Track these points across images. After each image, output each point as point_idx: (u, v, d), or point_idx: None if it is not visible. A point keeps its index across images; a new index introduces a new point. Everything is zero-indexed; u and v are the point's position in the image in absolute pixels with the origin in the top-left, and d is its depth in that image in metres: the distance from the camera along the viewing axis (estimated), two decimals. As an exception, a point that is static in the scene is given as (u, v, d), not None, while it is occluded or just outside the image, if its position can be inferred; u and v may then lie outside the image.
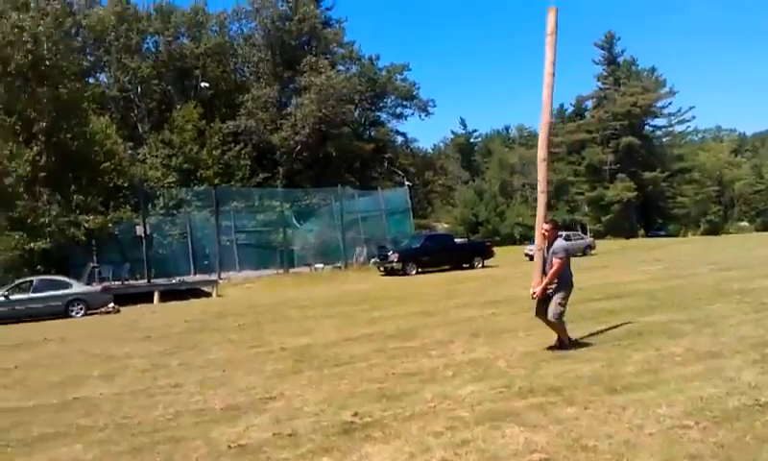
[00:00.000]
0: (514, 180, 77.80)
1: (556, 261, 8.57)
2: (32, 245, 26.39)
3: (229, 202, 35.43)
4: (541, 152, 9.97)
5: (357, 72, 52.92)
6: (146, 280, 27.98)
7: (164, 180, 37.43)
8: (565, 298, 8.74)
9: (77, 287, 21.90)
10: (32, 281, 21.78)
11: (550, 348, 8.89)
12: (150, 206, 33.51)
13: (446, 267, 30.48)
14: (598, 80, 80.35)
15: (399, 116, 59.27)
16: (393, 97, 57.45)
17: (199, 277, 30.33)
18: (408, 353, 9.39)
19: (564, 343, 8.89)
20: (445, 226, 62.94)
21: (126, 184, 32.15)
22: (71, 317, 20.78)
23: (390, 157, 57.03)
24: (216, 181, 37.11)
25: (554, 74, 10.02)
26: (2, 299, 20.67)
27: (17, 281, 22.20)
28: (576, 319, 11.44)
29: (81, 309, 21.16)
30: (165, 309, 21.63)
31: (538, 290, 8.80)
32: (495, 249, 34.62)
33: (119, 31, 44.41)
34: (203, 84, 42.93)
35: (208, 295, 25.75)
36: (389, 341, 10.58)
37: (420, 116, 59.04)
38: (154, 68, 46.61)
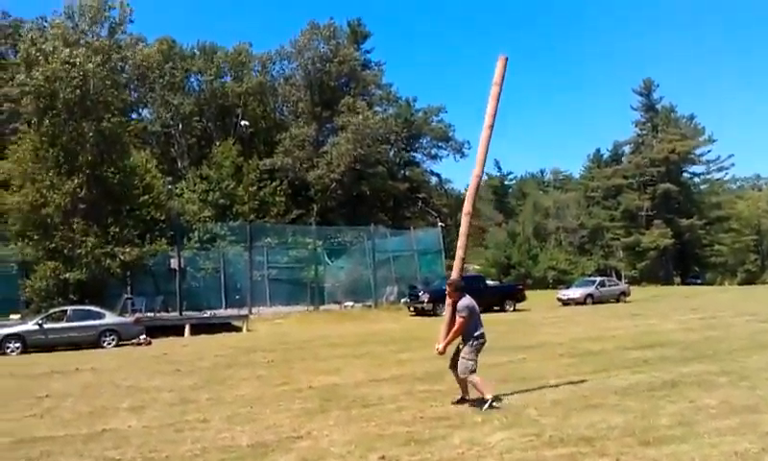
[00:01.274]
0: (548, 223, 77.28)
1: (458, 320, 8.73)
2: (67, 275, 26.81)
3: (263, 237, 35.73)
4: (467, 205, 9.94)
5: (394, 113, 53.43)
6: (178, 313, 28.22)
7: (200, 214, 37.94)
8: (473, 352, 8.72)
9: (110, 318, 22.15)
10: (66, 311, 22.09)
11: (457, 402, 8.84)
12: (185, 239, 33.95)
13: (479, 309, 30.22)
14: (636, 126, 79.89)
15: (434, 157, 59.56)
16: (428, 138, 57.79)
17: (230, 311, 30.50)
18: (437, 397, 9.31)
19: (486, 400, 8.63)
20: (477, 268, 62.50)
21: (163, 218, 32.59)
22: (103, 347, 20.97)
23: (423, 198, 57.16)
24: (251, 216, 37.56)
25: (492, 126, 9.90)
26: (36, 327, 20.99)
27: (52, 310, 22.55)
28: (610, 367, 11.28)
29: (113, 340, 21.37)
30: (196, 343, 21.73)
31: (440, 346, 8.97)
32: (528, 292, 34.27)
33: (164, 68, 45.56)
34: (242, 122, 43.75)
35: (239, 330, 25.83)
36: (418, 383, 10.50)
37: (454, 157, 59.21)
38: (195, 105, 47.61)
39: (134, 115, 46.06)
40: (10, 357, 19.42)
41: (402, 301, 32.71)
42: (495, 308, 30.51)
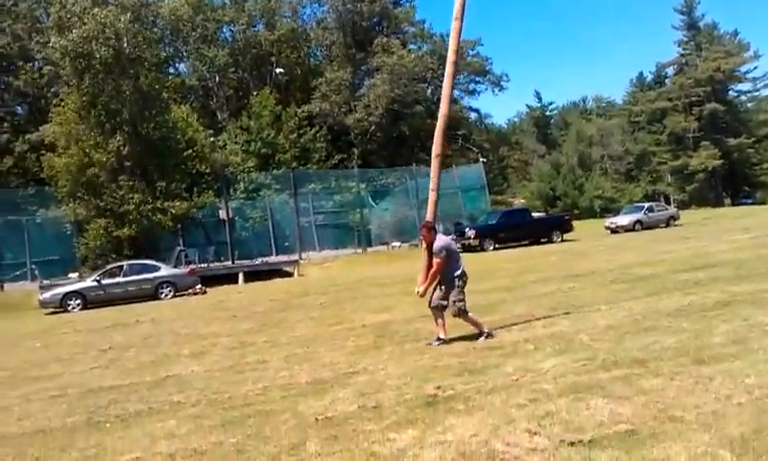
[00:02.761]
0: (592, 152, 75.89)
1: (435, 262, 8.67)
2: (119, 232, 27.52)
3: (307, 184, 36.02)
4: (436, 147, 9.75)
5: (429, 50, 52.55)
6: (230, 262, 28.87)
7: (244, 165, 38.34)
8: (460, 293, 8.70)
9: (165, 270, 22.81)
10: (122, 266, 22.82)
11: (476, 338, 8.76)
12: (231, 190, 34.47)
13: (524, 242, 30.14)
14: (678, 46, 77.28)
15: (472, 92, 58.66)
16: (465, 73, 56.78)
17: (280, 257, 31.07)
18: (489, 328, 9.41)
19: (482, 333, 8.78)
20: (522, 201, 62.09)
21: (208, 170, 33.09)
22: (160, 299, 21.67)
23: (464, 134, 56.55)
24: (293, 164, 37.80)
25: (456, 62, 9.73)
26: (95, 283, 21.73)
27: (108, 267, 23.28)
28: (661, 291, 11.23)
29: (170, 291, 22.05)
30: (249, 289, 22.26)
31: (421, 289, 8.96)
32: (575, 223, 33.98)
33: (195, 21, 45.53)
34: (278, 70, 43.67)
35: (290, 275, 26.33)
36: (468, 316, 10.61)
37: (493, 91, 58.27)
38: (230, 57, 47.57)
39: (171, 71, 46.30)
40: (72, 314, 20.23)
41: (449, 238, 32.81)
42: (543, 240, 30.37)
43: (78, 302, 21.05)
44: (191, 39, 45.74)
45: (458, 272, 8.72)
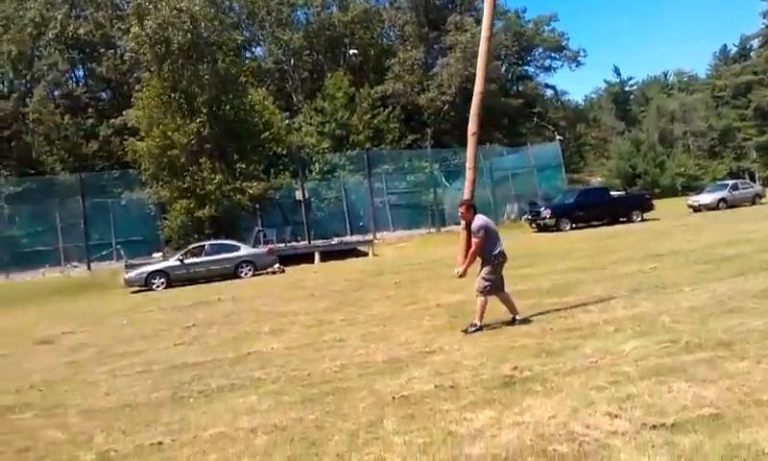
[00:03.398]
0: (674, 128, 73.24)
1: (474, 241, 8.48)
2: (200, 212, 28.31)
3: (380, 164, 36.17)
4: (472, 125, 9.52)
5: (503, 27, 51.69)
6: (306, 242, 29.38)
7: (319, 146, 38.76)
8: (492, 272, 8.50)
9: (245, 250, 23.41)
10: (204, 246, 23.53)
11: (510, 322, 8.64)
12: (307, 171, 34.97)
13: (602, 222, 29.49)
14: (764, 17, 73.37)
15: (548, 69, 57.42)
16: (541, 50, 55.68)
17: (355, 237, 31.39)
18: (565, 309, 9.29)
19: (513, 318, 8.61)
20: (600, 180, 60.58)
21: (284, 152, 33.61)
22: (240, 278, 22.24)
23: (539, 112, 55.56)
24: (367, 145, 38.00)
25: (491, 38, 9.31)
26: (178, 263, 22.49)
27: (191, 246, 24.03)
28: (747, 271, 10.82)
29: (249, 270, 22.61)
30: (325, 268, 22.58)
31: (460, 270, 8.77)
32: (655, 201, 32.97)
33: (270, 5, 46.13)
34: (351, 52, 43.84)
35: (365, 254, 26.58)
36: (545, 297, 10.50)
37: (570, 67, 57.00)
38: (305, 39, 48.00)
39: (248, 55, 47.09)
40: (156, 292, 20.98)
41: (523, 217, 32.41)
42: (622, 220, 29.62)
43: (162, 280, 21.81)
44: (267, 23, 46.40)
45: (496, 251, 8.61)
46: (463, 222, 8.90)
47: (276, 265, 23.22)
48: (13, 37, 41.16)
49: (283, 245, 27.74)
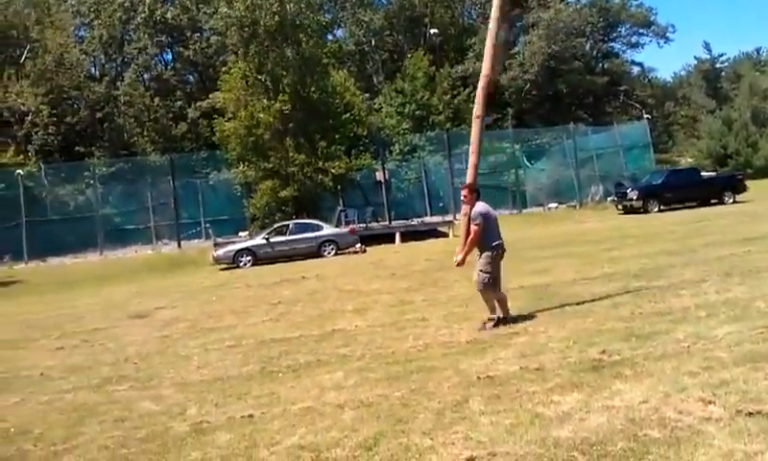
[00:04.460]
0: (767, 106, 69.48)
1: (473, 228, 8.05)
2: (284, 192, 28.87)
3: (460, 145, 35.85)
4: (478, 108, 9.06)
5: (588, 2, 50.28)
6: (387, 222, 29.56)
7: (399, 127, 38.84)
8: (490, 264, 8.05)
9: (328, 230, 23.80)
10: (288, 225, 24.03)
11: (484, 324, 8.18)
12: (387, 152, 35.10)
13: (692, 204, 28.43)
14: None
15: (635, 45, 55.50)
16: (627, 26, 53.84)
17: (435, 218, 31.33)
18: (655, 293, 9.04)
19: (501, 317, 8.15)
20: (689, 160, 58.22)
21: (365, 133, 33.88)
22: (323, 257, 22.61)
23: (625, 90, 53.81)
24: (447, 125, 37.80)
25: (499, 19, 9.00)
26: (264, 241, 23.05)
27: (276, 225, 24.58)
28: None
29: (332, 249, 22.96)
30: (406, 249, 22.67)
31: (459, 258, 8.33)
32: (748, 182, 31.47)
33: (353, -14, 46.44)
34: (432, 31, 43.56)
35: (445, 235, 26.53)
36: (633, 280, 10.23)
37: (658, 44, 55.06)
38: (385, 20, 48.07)
39: (330, 36, 47.51)
40: (243, 270, 21.56)
41: (609, 199, 31.62)
42: (713, 201, 28.46)
43: (248, 258, 22.37)
44: (348, 5, 46.66)
45: (495, 242, 8.23)
46: (464, 208, 8.51)
47: (358, 245, 23.49)
48: (104, 22, 42.89)
49: (364, 225, 27.95)
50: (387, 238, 25.54)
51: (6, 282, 22.95)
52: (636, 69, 58.25)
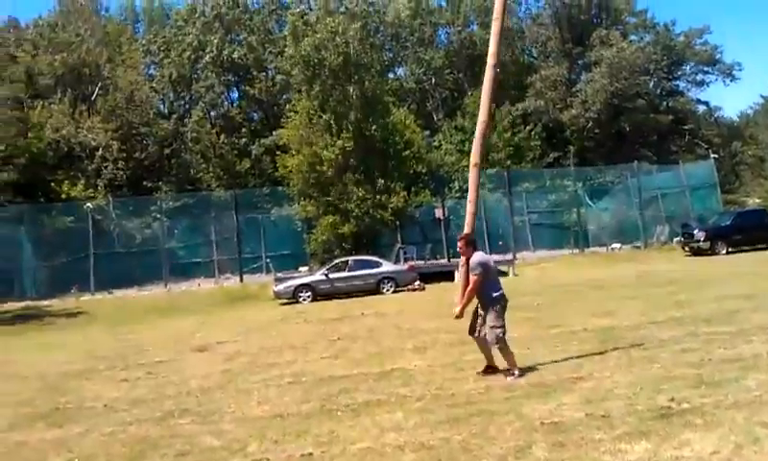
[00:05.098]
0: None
1: (472, 278, 7.84)
2: (344, 228, 29.12)
3: (521, 183, 35.70)
4: (474, 156, 8.91)
5: (651, 41, 49.59)
6: (446, 259, 29.42)
7: (458, 164, 38.80)
8: (498, 319, 7.82)
9: (386, 266, 23.84)
10: (347, 261, 24.19)
11: (483, 371, 8.13)
12: (446, 189, 35.12)
13: (761, 246, 27.49)
14: None
15: (700, 84, 54.23)
16: (692, 64, 52.85)
17: (494, 256, 30.91)
18: (725, 339, 8.75)
19: (514, 372, 7.88)
20: (757, 201, 56.42)
21: (424, 170, 34.02)
22: (382, 293, 22.61)
23: (691, 129, 52.61)
24: (507, 162, 37.62)
25: (496, 66, 8.74)
26: (323, 277, 23.24)
27: (336, 261, 24.78)
28: None
29: (391, 286, 22.97)
30: (465, 287, 22.44)
31: (458, 310, 8.12)
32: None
33: (413, 26, 46.94)
34: (493, 69, 43.59)
35: (505, 274, 26.23)
36: (702, 325, 9.93)
37: (724, 82, 53.52)
38: (446, 58, 48.38)
39: (391, 75, 48.08)
40: (302, 305, 21.76)
41: (675, 240, 30.86)
42: (785, 245, 27.46)
43: (308, 294, 22.59)
44: (409, 43, 47.20)
45: (497, 293, 8.05)
46: (462, 258, 8.36)
47: (417, 282, 23.45)
48: (173, 61, 44.40)
49: (423, 262, 27.90)
50: (446, 276, 25.40)
51: (73, 313, 23.72)
52: (701, 108, 57.02)
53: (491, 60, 9.12)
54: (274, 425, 6.84)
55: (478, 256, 8.14)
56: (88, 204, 30.53)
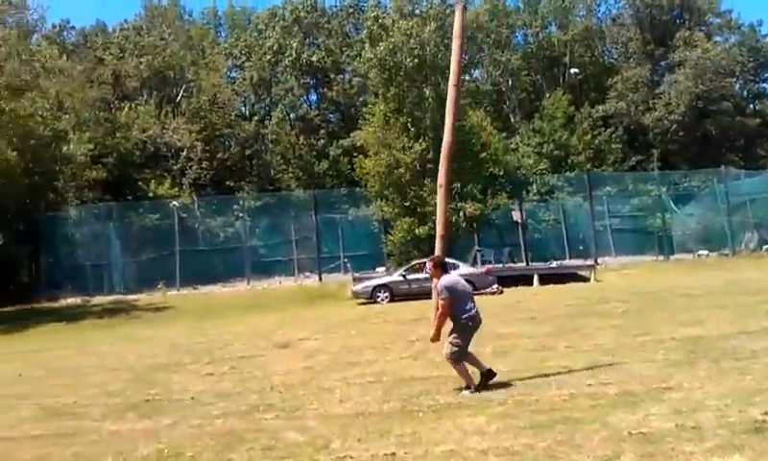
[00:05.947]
0: None
1: (440, 302, 7.69)
2: (420, 230, 29.18)
3: (601, 186, 34.97)
4: (441, 176, 8.87)
5: (737, 42, 47.79)
6: (524, 264, 29.10)
7: (536, 167, 38.40)
8: (459, 337, 7.63)
9: (464, 269, 23.63)
10: (425, 262, 24.20)
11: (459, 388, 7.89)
12: (524, 192, 34.77)
13: None
14: None
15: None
16: (789, 67, 50.59)
17: (575, 261, 30.49)
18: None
19: (468, 386, 7.77)
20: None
21: (501, 173, 33.77)
22: (459, 297, 22.50)
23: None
24: (587, 166, 36.94)
25: (458, 85, 8.62)
26: (401, 278, 23.36)
27: (413, 262, 24.86)
28: None
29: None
30: (545, 292, 22.12)
31: (432, 332, 7.91)
32: None
33: (490, 27, 46.64)
34: (572, 71, 42.88)
35: (586, 280, 25.75)
36: (797, 338, 9.53)
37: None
38: (523, 60, 47.92)
39: (467, 77, 47.87)
40: (380, 305, 21.92)
41: (765, 248, 29.63)
42: None
43: (386, 294, 22.74)
44: (485, 45, 46.92)
45: (466, 315, 7.90)
46: (434, 280, 8.30)
47: (495, 286, 23.21)
48: (254, 64, 45.60)
49: (501, 266, 27.66)
50: (524, 280, 25.09)
51: (160, 308, 24.63)
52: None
53: (452, 79, 9.07)
54: (356, 424, 6.94)
55: (444, 280, 8.07)
56: (174, 202, 31.63)
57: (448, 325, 8.09)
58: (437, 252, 8.95)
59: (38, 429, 7.94)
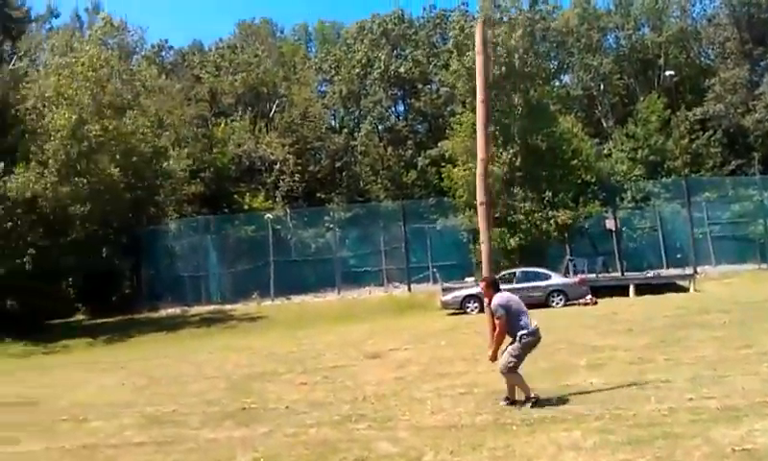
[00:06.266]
0: None
1: (496, 322, 7.57)
2: (510, 240, 28.89)
3: (700, 192, 33.62)
4: (480, 194, 8.68)
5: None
6: (619, 273, 28.31)
7: (630, 173, 37.34)
8: (520, 349, 7.55)
9: (556, 279, 23.34)
10: (515, 273, 23.98)
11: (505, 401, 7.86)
12: (618, 199, 33.88)
13: None
14: None
15: None
16: None
17: (672, 270, 29.44)
18: None
19: (513, 399, 7.79)
20: None
21: (593, 180, 33.04)
22: (551, 307, 22.16)
23: None
24: (684, 171, 35.62)
25: (486, 101, 8.37)
26: (491, 289, 23.14)
27: (503, 272, 24.60)
28: None
29: (560, 300, 22.47)
30: (642, 302, 21.49)
31: (490, 353, 7.80)
32: None
33: (580, 31, 45.79)
34: (668, 73, 41.50)
35: (685, 290, 24.85)
36: None
37: None
38: (615, 63, 46.82)
39: (557, 83, 47.13)
40: (470, 315, 21.84)
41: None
42: None
43: (476, 304, 22.56)
44: (575, 50, 46.10)
45: (524, 331, 7.82)
46: (486, 300, 8.29)
47: (589, 296, 22.72)
48: (344, 78, 46.38)
49: (594, 275, 27.02)
50: (619, 290, 24.43)
51: (255, 318, 25.37)
52: None
53: (479, 95, 8.88)
54: (448, 436, 6.97)
55: (498, 299, 8.09)
56: (268, 214, 32.51)
57: (507, 341, 8.12)
58: (484, 271, 8.95)
59: (140, 437, 8.30)
